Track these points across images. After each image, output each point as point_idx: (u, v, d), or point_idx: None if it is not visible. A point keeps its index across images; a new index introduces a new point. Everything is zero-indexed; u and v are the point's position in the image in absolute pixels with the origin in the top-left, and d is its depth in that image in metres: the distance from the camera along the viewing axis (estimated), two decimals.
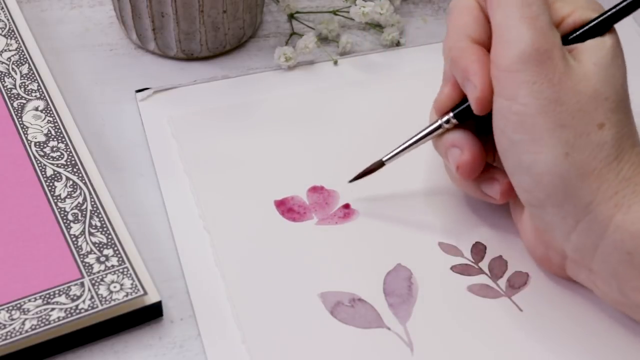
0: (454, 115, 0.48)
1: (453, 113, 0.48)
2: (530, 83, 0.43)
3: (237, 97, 0.59)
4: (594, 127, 0.43)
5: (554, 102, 0.43)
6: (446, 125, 0.49)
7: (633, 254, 0.43)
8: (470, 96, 0.46)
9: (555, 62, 0.43)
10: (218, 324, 0.48)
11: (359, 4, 0.61)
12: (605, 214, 0.43)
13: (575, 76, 0.43)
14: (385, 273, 0.50)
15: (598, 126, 0.43)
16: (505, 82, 0.44)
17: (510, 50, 0.44)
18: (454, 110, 0.49)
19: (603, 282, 0.45)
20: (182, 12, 0.58)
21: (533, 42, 0.43)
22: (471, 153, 0.48)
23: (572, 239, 0.44)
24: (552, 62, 0.43)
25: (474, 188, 0.50)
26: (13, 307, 0.46)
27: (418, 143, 0.50)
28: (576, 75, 0.43)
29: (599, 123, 0.43)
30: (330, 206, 0.53)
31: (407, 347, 0.47)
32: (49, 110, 0.55)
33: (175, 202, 0.53)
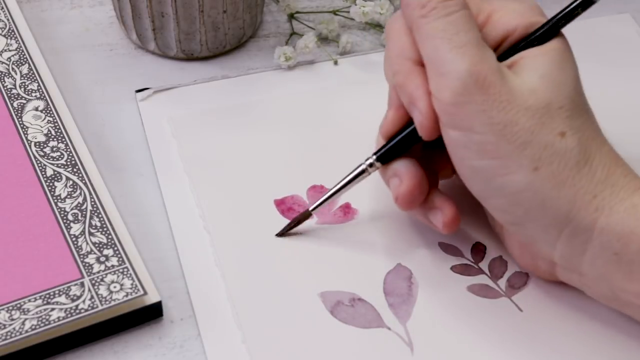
0: (376, 158, 0.48)
1: (375, 156, 0.48)
2: (480, 112, 0.42)
3: (237, 97, 0.59)
4: (556, 137, 0.43)
5: (509, 125, 0.42)
6: (370, 169, 0.48)
7: (620, 255, 0.42)
8: (416, 122, 0.45)
9: (497, 86, 0.42)
10: (218, 324, 0.48)
11: (359, 3, 0.61)
12: (587, 219, 0.43)
13: (522, 94, 0.43)
14: (386, 273, 0.50)
15: (560, 135, 0.43)
16: (455, 115, 0.43)
17: (450, 83, 0.43)
18: (377, 152, 0.48)
19: (594, 283, 0.45)
20: (182, 12, 0.58)
21: (470, 72, 0.42)
22: (409, 184, 0.47)
23: (558, 247, 0.44)
24: (495, 87, 0.42)
25: (422, 215, 0.49)
26: (13, 307, 0.46)
27: (344, 189, 0.49)
28: (522, 92, 0.43)
29: (560, 132, 0.43)
30: (330, 206, 0.53)
31: (407, 347, 0.47)
32: (49, 110, 0.55)
33: (175, 202, 0.53)
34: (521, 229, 0.45)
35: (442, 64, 0.43)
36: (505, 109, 0.42)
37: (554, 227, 0.43)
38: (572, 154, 0.43)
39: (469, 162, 0.44)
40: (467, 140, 0.43)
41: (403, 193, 0.47)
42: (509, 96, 0.42)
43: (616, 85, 0.48)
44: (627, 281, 0.43)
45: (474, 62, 0.43)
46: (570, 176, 0.43)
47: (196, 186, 0.54)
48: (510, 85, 0.43)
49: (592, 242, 0.43)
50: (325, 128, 0.57)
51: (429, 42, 0.44)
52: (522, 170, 0.43)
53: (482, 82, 0.42)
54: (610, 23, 0.64)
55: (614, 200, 0.42)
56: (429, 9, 0.44)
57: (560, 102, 0.43)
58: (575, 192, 0.43)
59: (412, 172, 0.47)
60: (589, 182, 0.43)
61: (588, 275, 0.44)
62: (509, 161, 0.43)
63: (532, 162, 0.42)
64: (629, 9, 0.66)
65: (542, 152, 0.42)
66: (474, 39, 0.43)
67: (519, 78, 0.43)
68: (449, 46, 0.43)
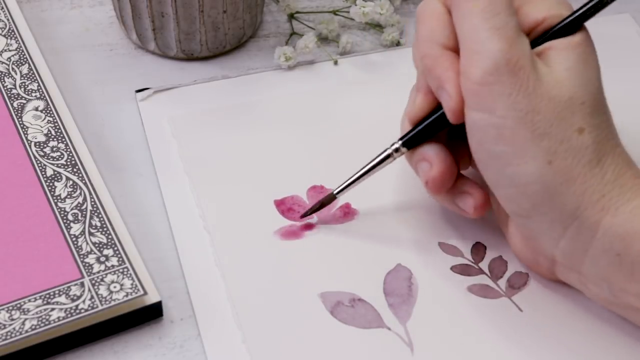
0: (402, 144, 0.48)
1: (401, 141, 0.48)
2: (506, 95, 0.43)
3: (237, 97, 0.59)
4: (573, 133, 0.43)
5: (532, 112, 0.43)
6: (396, 154, 0.48)
7: (622, 255, 0.42)
8: (445, 105, 0.46)
9: (527, 72, 0.43)
10: (218, 324, 0.48)
11: (359, 4, 0.61)
12: (592, 218, 0.43)
13: (548, 83, 0.43)
14: (386, 273, 0.50)
15: (578, 131, 0.43)
16: (480, 95, 0.43)
17: (481, 62, 0.43)
18: (402, 138, 0.48)
19: (594, 284, 0.45)
20: (182, 12, 0.58)
21: (504, 54, 0.43)
22: (440, 168, 0.47)
23: (560, 245, 0.44)
24: (525, 72, 0.43)
25: (449, 201, 0.49)
26: (13, 307, 0.46)
27: (369, 173, 0.50)
28: (548, 82, 0.43)
29: (578, 128, 0.43)
30: (330, 206, 0.53)
31: (407, 347, 0.47)
32: (49, 110, 0.55)
33: (175, 202, 0.53)
34: (527, 222, 0.45)
35: (478, 42, 0.43)
36: (530, 95, 0.43)
37: (559, 223, 0.44)
38: (587, 151, 0.43)
39: (485, 147, 0.44)
40: (487, 123, 0.43)
41: (434, 177, 0.47)
42: (536, 84, 0.43)
43: (616, 85, 0.48)
44: (628, 282, 0.43)
45: (509, 45, 0.43)
46: (582, 173, 0.43)
47: (196, 186, 0.54)
48: (539, 73, 0.43)
49: (595, 241, 0.43)
50: (325, 128, 0.57)
51: (468, 20, 0.44)
52: (535, 162, 0.43)
53: (513, 64, 0.43)
54: (610, 23, 0.64)
55: (621, 201, 0.43)
56: None
57: (583, 97, 0.43)
58: (585, 190, 0.43)
59: (441, 156, 0.47)
60: (599, 182, 0.43)
61: (588, 275, 0.44)
62: (524, 150, 0.43)
63: (547, 154, 0.43)
64: (629, 9, 0.66)
65: (558, 146, 0.43)
66: (512, 23, 0.44)
67: (547, 68, 0.44)
68: (487, 26, 0.43)
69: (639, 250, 0.42)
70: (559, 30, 0.45)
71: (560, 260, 0.45)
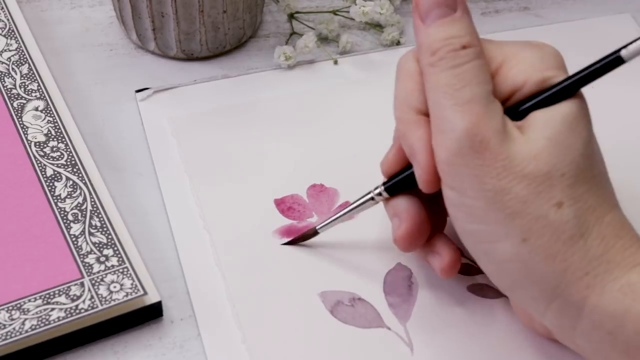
0: (385, 189, 0.47)
1: (384, 187, 0.47)
2: (472, 176, 0.40)
3: (237, 97, 0.59)
4: (551, 208, 0.40)
5: (500, 193, 0.40)
6: (379, 197, 0.47)
7: (615, 334, 0.39)
8: (417, 175, 0.43)
9: (494, 151, 0.40)
10: (218, 324, 0.48)
11: (359, 3, 0.61)
12: (576, 296, 0.40)
13: (523, 159, 0.40)
14: (385, 272, 0.50)
15: (556, 205, 0.40)
16: (449, 174, 0.41)
17: (446, 143, 0.40)
18: (386, 183, 0.47)
19: (590, 355, 0.42)
20: (182, 12, 0.58)
21: (467, 133, 0.40)
22: (408, 227, 0.45)
23: (547, 318, 0.42)
24: (491, 151, 0.40)
25: (420, 256, 0.48)
26: (13, 307, 0.46)
27: (351, 213, 0.49)
28: (523, 157, 0.40)
29: (557, 202, 0.40)
30: (330, 205, 0.53)
31: (407, 347, 0.47)
32: (49, 110, 0.55)
33: (175, 202, 0.53)
34: (511, 295, 0.44)
35: (442, 120, 0.41)
36: (499, 176, 0.40)
37: (541, 300, 0.41)
38: (566, 226, 0.40)
39: (459, 223, 0.42)
40: (459, 201, 0.41)
41: (401, 235, 0.46)
42: (506, 162, 0.40)
43: (616, 86, 0.48)
44: (626, 358, 0.40)
45: (474, 122, 0.40)
46: (562, 250, 0.40)
47: (196, 186, 0.54)
48: (511, 149, 0.40)
49: (582, 319, 0.40)
50: (325, 127, 0.57)
51: (433, 95, 0.41)
52: (509, 240, 0.40)
53: (478, 144, 0.40)
54: (610, 23, 0.64)
55: (608, 279, 0.39)
56: (438, 57, 0.41)
57: (564, 168, 0.40)
58: (566, 268, 0.40)
59: (412, 213, 0.45)
60: (582, 258, 0.40)
61: (584, 348, 0.42)
62: (497, 229, 0.40)
63: (521, 232, 0.40)
64: (629, 9, 0.66)
65: (533, 224, 0.40)
66: (480, 94, 0.40)
67: (524, 140, 0.40)
68: (451, 102, 0.40)
69: (633, 329, 0.39)
70: (544, 99, 0.41)
71: (552, 331, 0.44)
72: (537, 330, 0.46)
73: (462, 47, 0.41)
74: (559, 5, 0.67)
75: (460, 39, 0.41)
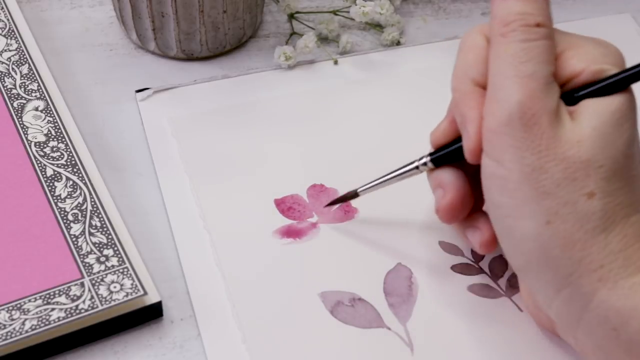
0: (431, 160, 0.47)
1: (430, 157, 0.47)
2: (515, 148, 0.41)
3: (237, 97, 0.59)
4: (582, 196, 0.40)
5: (538, 170, 0.40)
6: (423, 167, 0.47)
7: (619, 331, 0.40)
8: (464, 144, 0.44)
9: (542, 128, 0.40)
10: (218, 324, 0.48)
11: (359, 4, 0.61)
12: (587, 287, 0.40)
13: (567, 142, 0.40)
14: (386, 272, 0.50)
15: (587, 195, 0.40)
16: (492, 143, 0.42)
17: (497, 111, 0.41)
18: (433, 154, 0.47)
19: (590, 352, 0.42)
20: (182, 12, 0.58)
21: (521, 106, 0.41)
22: (452, 198, 0.46)
23: (554, 306, 0.42)
24: (539, 128, 0.40)
25: (459, 230, 0.48)
26: (13, 307, 0.46)
27: (394, 180, 0.49)
28: (567, 141, 0.40)
29: (589, 192, 0.40)
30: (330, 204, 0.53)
31: (407, 347, 0.47)
32: (49, 110, 0.55)
33: (175, 202, 0.53)
34: (523, 276, 0.44)
35: (500, 89, 0.42)
36: (540, 153, 0.40)
37: (552, 285, 0.42)
38: (592, 217, 0.40)
39: (489, 194, 0.43)
40: (494, 171, 0.42)
41: (444, 206, 0.46)
42: (550, 142, 0.40)
43: None
44: (627, 357, 0.40)
45: (529, 97, 0.41)
46: (583, 240, 0.40)
47: (196, 186, 0.54)
48: (559, 131, 0.41)
49: (589, 312, 0.41)
50: (325, 127, 0.57)
51: (497, 63, 0.42)
52: (534, 219, 0.41)
53: (528, 119, 0.41)
54: (610, 23, 0.64)
55: (621, 275, 0.40)
56: (510, 29, 0.42)
57: (603, 160, 0.40)
58: (582, 257, 0.40)
59: (457, 185, 0.46)
60: (600, 251, 0.40)
61: (585, 343, 0.42)
62: (525, 206, 0.41)
63: (547, 214, 0.40)
64: (629, 9, 0.66)
65: (560, 207, 0.40)
66: (541, 72, 0.41)
67: (572, 125, 0.41)
68: (512, 73, 0.41)
69: (637, 328, 0.39)
70: (598, 89, 0.42)
71: (556, 321, 0.44)
72: (540, 320, 0.46)
73: (536, 25, 0.42)
74: (559, 5, 0.67)
75: (535, 16, 0.42)
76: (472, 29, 0.46)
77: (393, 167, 0.51)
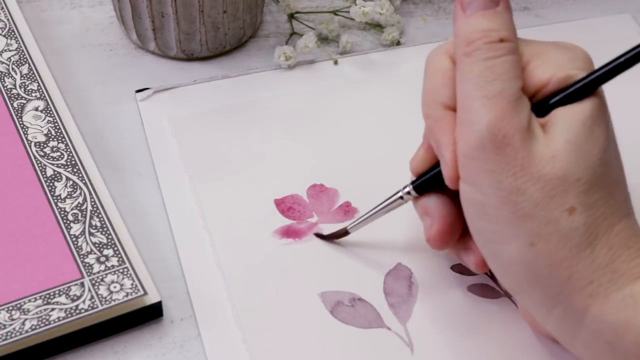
0: (413, 188, 0.47)
1: (412, 185, 0.47)
2: (490, 172, 0.40)
3: (237, 97, 0.59)
4: (562, 213, 0.39)
5: (515, 192, 0.39)
6: (407, 196, 0.47)
7: (614, 344, 0.39)
8: (443, 171, 0.43)
9: (515, 148, 0.39)
10: (218, 324, 0.48)
11: (359, 4, 0.61)
12: (579, 303, 0.40)
13: (541, 159, 0.40)
14: (386, 273, 0.50)
15: (568, 211, 0.39)
16: (466, 168, 0.41)
17: (469, 134, 0.40)
18: (414, 182, 0.46)
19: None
20: (182, 12, 0.58)
21: (491, 127, 0.40)
22: (440, 227, 0.45)
23: (548, 323, 0.42)
24: (512, 149, 0.39)
25: (453, 253, 0.48)
26: (13, 307, 0.46)
27: (381, 212, 0.49)
28: (542, 158, 0.40)
29: (569, 207, 0.39)
30: (330, 205, 0.53)
31: (407, 347, 0.47)
32: (49, 110, 0.55)
33: (175, 202, 0.53)
34: (515, 296, 0.44)
35: (468, 112, 0.41)
36: (516, 175, 0.40)
37: (543, 304, 0.41)
38: (575, 234, 0.39)
39: (470, 220, 0.42)
40: (472, 197, 0.41)
41: (434, 235, 0.46)
42: (525, 161, 0.40)
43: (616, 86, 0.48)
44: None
45: (499, 117, 0.40)
46: (569, 258, 0.39)
47: (196, 186, 0.54)
48: (532, 149, 0.40)
49: (583, 327, 0.40)
50: (325, 127, 0.57)
51: (463, 85, 0.41)
52: (517, 242, 0.40)
53: (500, 140, 0.40)
54: (610, 23, 0.64)
55: (611, 288, 0.39)
56: (474, 47, 0.41)
57: (580, 173, 0.40)
58: (570, 275, 0.40)
59: (443, 212, 0.45)
60: (587, 267, 0.39)
61: (584, 355, 0.42)
62: (507, 230, 0.40)
63: (529, 236, 0.40)
64: (629, 9, 0.66)
65: (542, 228, 0.40)
66: (509, 89, 0.40)
67: (545, 139, 0.40)
68: (480, 94, 0.40)
69: (632, 340, 0.39)
70: (567, 96, 0.41)
71: (554, 335, 0.43)
72: (540, 331, 0.46)
73: (500, 40, 0.41)
74: (559, 5, 0.67)
75: (498, 32, 0.41)
76: (435, 50, 0.45)
77: (393, 167, 0.51)
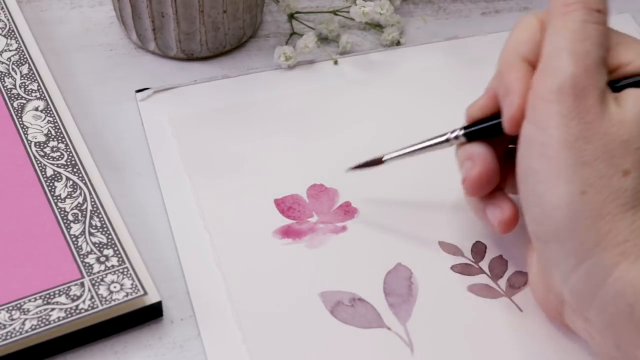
0: (464, 133, 0.48)
1: (464, 130, 0.48)
2: (562, 115, 0.42)
3: (237, 97, 0.59)
4: (617, 172, 0.42)
5: (581, 139, 0.42)
6: (454, 140, 0.48)
7: (634, 306, 0.41)
8: (505, 112, 0.45)
9: (590, 102, 0.42)
10: (218, 324, 0.48)
11: (359, 4, 0.61)
12: (609, 260, 0.41)
13: (610, 121, 0.42)
14: (386, 273, 0.50)
15: (623, 172, 0.42)
16: (538, 110, 0.43)
17: (550, 79, 0.43)
18: (467, 128, 0.48)
19: (599, 333, 0.43)
20: (182, 12, 0.58)
21: (574, 77, 0.42)
22: (480, 170, 0.47)
23: (571, 280, 0.43)
24: (588, 101, 0.42)
25: (479, 208, 0.48)
26: (13, 307, 0.46)
27: (423, 150, 0.49)
28: (611, 120, 0.42)
29: (625, 169, 0.42)
30: (330, 205, 0.53)
31: (407, 347, 0.47)
32: (49, 110, 0.55)
33: (175, 202, 0.53)
34: (545, 247, 0.44)
35: (555, 59, 0.43)
36: (587, 125, 0.42)
37: (574, 256, 0.42)
38: (624, 194, 0.42)
39: (527, 160, 0.44)
40: (536, 137, 0.43)
41: (473, 176, 0.47)
42: (596, 116, 0.42)
43: None
44: (637, 335, 0.41)
45: (583, 71, 0.42)
46: (612, 213, 0.41)
47: (196, 186, 0.54)
48: (605, 109, 0.42)
49: (607, 285, 0.41)
50: (325, 127, 0.57)
51: (555, 38, 0.44)
52: (569, 187, 0.42)
53: (579, 90, 0.42)
54: (610, 23, 0.64)
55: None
56: (572, 8, 0.44)
57: None
58: (609, 230, 0.41)
59: (487, 158, 0.47)
60: (627, 226, 0.41)
61: (595, 322, 0.43)
62: (563, 173, 0.42)
63: (582, 184, 0.42)
64: (629, 9, 0.66)
65: (596, 180, 0.42)
66: (596, 53, 0.43)
67: (617, 107, 0.43)
68: (570, 48, 0.43)
69: None
70: None
71: (568, 300, 0.44)
72: (548, 304, 0.46)
73: (596, 10, 0.44)
74: None
75: (596, 3, 0.44)
76: (530, 14, 0.48)
77: (393, 166, 0.51)
